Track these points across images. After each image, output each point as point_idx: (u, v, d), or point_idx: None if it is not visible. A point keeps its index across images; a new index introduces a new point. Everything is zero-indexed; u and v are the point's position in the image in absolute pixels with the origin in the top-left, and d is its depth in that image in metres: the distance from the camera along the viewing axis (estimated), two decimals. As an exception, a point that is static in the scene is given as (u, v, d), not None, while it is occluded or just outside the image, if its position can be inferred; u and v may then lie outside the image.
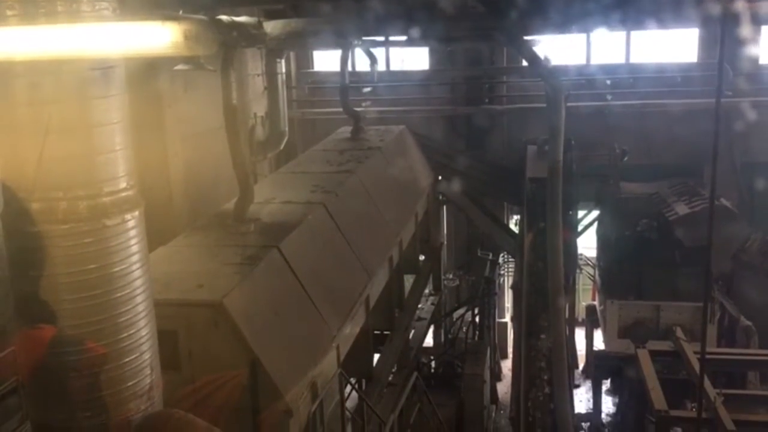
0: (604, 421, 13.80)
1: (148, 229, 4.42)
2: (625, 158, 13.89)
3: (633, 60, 15.96)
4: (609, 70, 15.89)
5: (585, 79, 15.52)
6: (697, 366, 9.11)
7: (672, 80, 14.97)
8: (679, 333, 11.04)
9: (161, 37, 3.86)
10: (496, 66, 16.52)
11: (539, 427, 7.32)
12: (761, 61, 15.35)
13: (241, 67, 11.58)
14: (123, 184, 4.12)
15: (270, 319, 6.66)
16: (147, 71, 9.95)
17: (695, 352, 9.72)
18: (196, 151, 10.83)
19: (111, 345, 4.08)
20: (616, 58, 16.09)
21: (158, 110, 10.47)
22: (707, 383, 9.14)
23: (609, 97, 15.36)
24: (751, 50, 14.48)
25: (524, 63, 16.02)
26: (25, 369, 4.14)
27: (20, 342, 4.06)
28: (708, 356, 9.95)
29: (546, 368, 7.25)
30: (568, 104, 7.68)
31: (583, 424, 13.36)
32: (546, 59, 14.27)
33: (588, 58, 16.14)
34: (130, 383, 4.18)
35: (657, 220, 13.23)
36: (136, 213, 4.22)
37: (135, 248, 4.18)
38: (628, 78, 15.51)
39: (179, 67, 10.87)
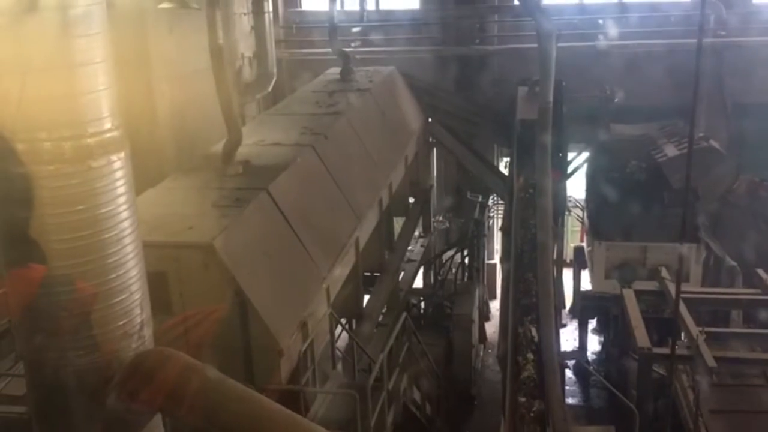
0: (589, 359, 14.11)
1: (135, 171, 4.39)
2: (616, 99, 13.82)
3: (626, -1, 15.76)
4: (601, 9, 15.67)
5: (577, 18, 15.30)
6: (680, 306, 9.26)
7: (665, 20, 14.79)
8: (664, 273, 11.18)
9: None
10: (488, 5, 16.23)
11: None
12: (754, 0, 15.17)
13: (227, 6, 11.32)
14: (108, 125, 4.06)
15: (260, 261, 6.70)
16: (132, 10, 9.73)
17: (679, 292, 9.88)
18: (183, 92, 10.69)
19: (101, 285, 4.10)
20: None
21: (144, 50, 10.28)
22: (690, 322, 9.32)
23: (601, 37, 15.19)
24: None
25: (516, 2, 15.75)
26: (17, 308, 4.17)
27: (11, 282, 4.08)
28: (691, 295, 10.15)
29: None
30: (560, 44, 7.55)
31: (568, 361, 13.65)
32: (538, -2, 14.02)
33: (581, -3, 15.91)
34: (121, 322, 4.23)
35: (646, 161, 13.25)
36: (122, 154, 4.18)
37: (122, 189, 4.16)
38: (621, 17, 15.31)
39: (164, 5, 10.64)
